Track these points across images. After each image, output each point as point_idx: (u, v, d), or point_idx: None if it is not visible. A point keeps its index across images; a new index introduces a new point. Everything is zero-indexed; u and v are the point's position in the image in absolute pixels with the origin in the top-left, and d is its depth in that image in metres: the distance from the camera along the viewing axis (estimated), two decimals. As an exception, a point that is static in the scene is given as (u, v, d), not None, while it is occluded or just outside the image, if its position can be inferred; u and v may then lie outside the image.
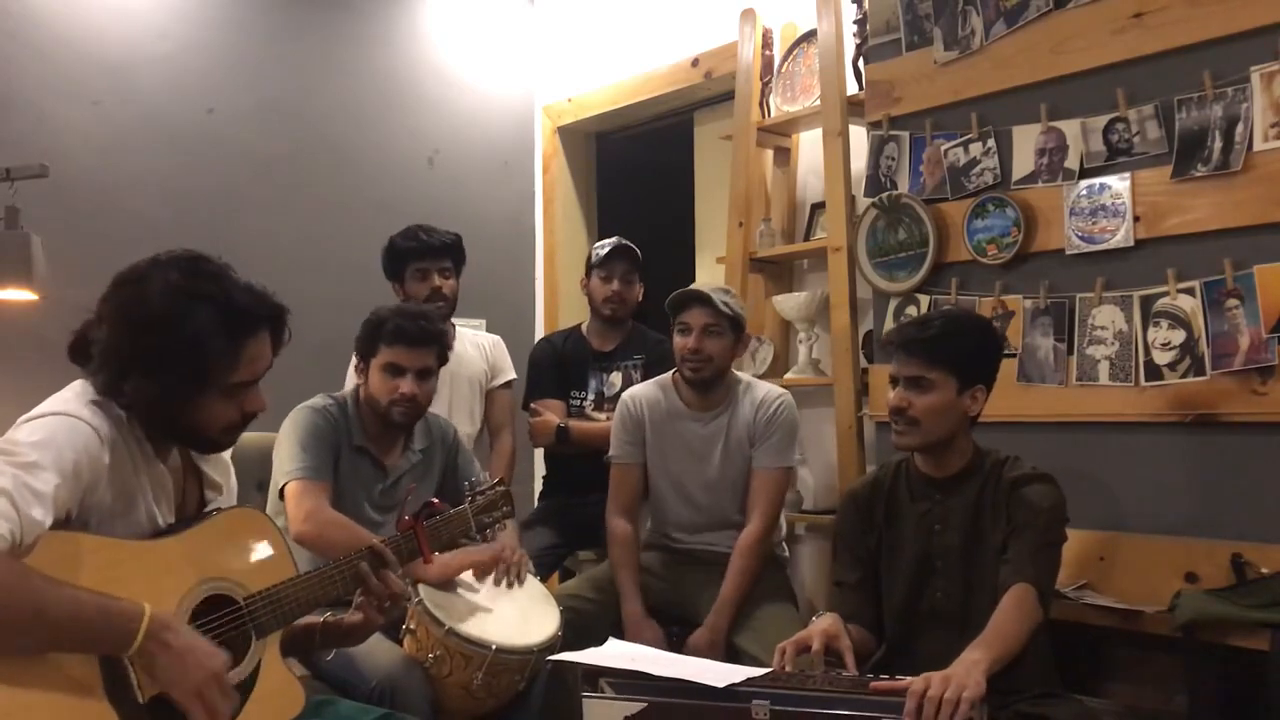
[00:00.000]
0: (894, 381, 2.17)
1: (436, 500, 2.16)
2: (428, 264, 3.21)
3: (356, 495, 2.52)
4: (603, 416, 3.28)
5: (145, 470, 1.65)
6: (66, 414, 1.55)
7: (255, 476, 2.74)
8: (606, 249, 3.31)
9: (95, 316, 1.63)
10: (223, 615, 1.64)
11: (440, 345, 2.58)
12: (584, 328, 3.44)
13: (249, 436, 2.44)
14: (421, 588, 2.28)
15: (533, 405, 3.37)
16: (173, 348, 1.57)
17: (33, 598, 1.40)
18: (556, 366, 3.38)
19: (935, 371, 2.10)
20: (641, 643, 2.59)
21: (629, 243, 3.33)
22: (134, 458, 1.63)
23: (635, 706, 1.77)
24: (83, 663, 1.48)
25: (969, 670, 1.75)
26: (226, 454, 1.87)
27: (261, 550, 1.74)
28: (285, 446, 2.46)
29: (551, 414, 3.29)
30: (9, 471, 1.44)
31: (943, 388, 2.10)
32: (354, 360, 2.70)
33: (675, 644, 2.68)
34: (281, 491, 2.41)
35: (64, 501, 1.49)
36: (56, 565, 1.46)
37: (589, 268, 3.38)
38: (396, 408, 2.51)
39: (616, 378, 3.34)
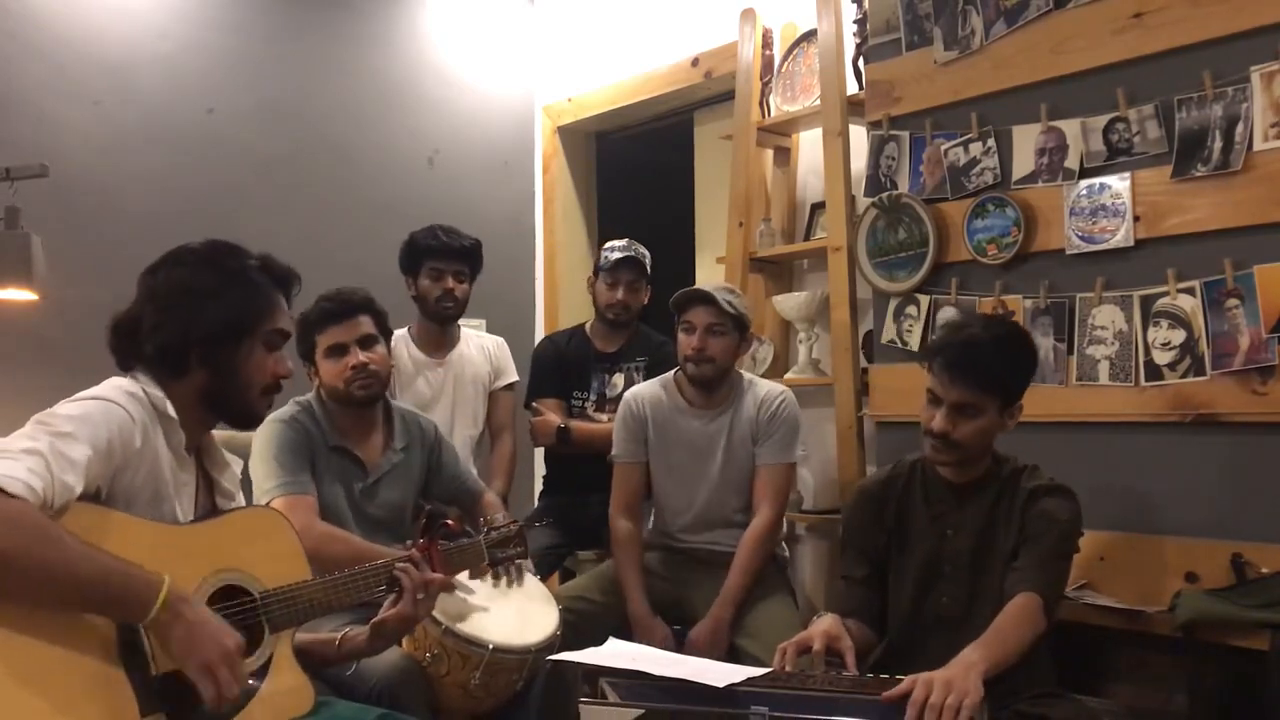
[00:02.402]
0: (934, 399, 2.09)
1: (452, 521, 2.17)
2: (443, 265, 3.22)
3: (337, 496, 2.51)
4: (604, 417, 3.27)
5: (173, 466, 1.71)
6: (102, 398, 1.63)
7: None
8: (616, 256, 3.26)
9: (132, 313, 1.74)
10: (237, 605, 1.66)
11: (370, 311, 2.59)
12: (588, 328, 3.43)
13: (244, 437, 2.46)
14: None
15: (534, 404, 3.37)
16: (236, 284, 1.74)
17: (60, 551, 1.45)
18: (559, 366, 3.37)
19: (984, 398, 2.05)
20: (649, 641, 2.60)
21: (640, 251, 3.29)
22: (164, 450, 1.69)
23: (632, 714, 1.77)
24: (101, 634, 1.51)
25: (966, 673, 1.74)
26: (236, 467, 1.92)
27: (279, 549, 1.78)
28: (260, 464, 2.46)
29: (552, 414, 3.29)
30: (45, 438, 1.50)
31: (988, 411, 2.06)
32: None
33: (677, 643, 2.68)
34: None
35: (95, 475, 1.55)
36: (83, 535, 1.50)
37: (597, 269, 3.36)
38: (354, 383, 2.51)
39: (619, 379, 3.33)
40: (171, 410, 1.70)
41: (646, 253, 3.33)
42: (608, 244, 3.38)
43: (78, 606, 1.49)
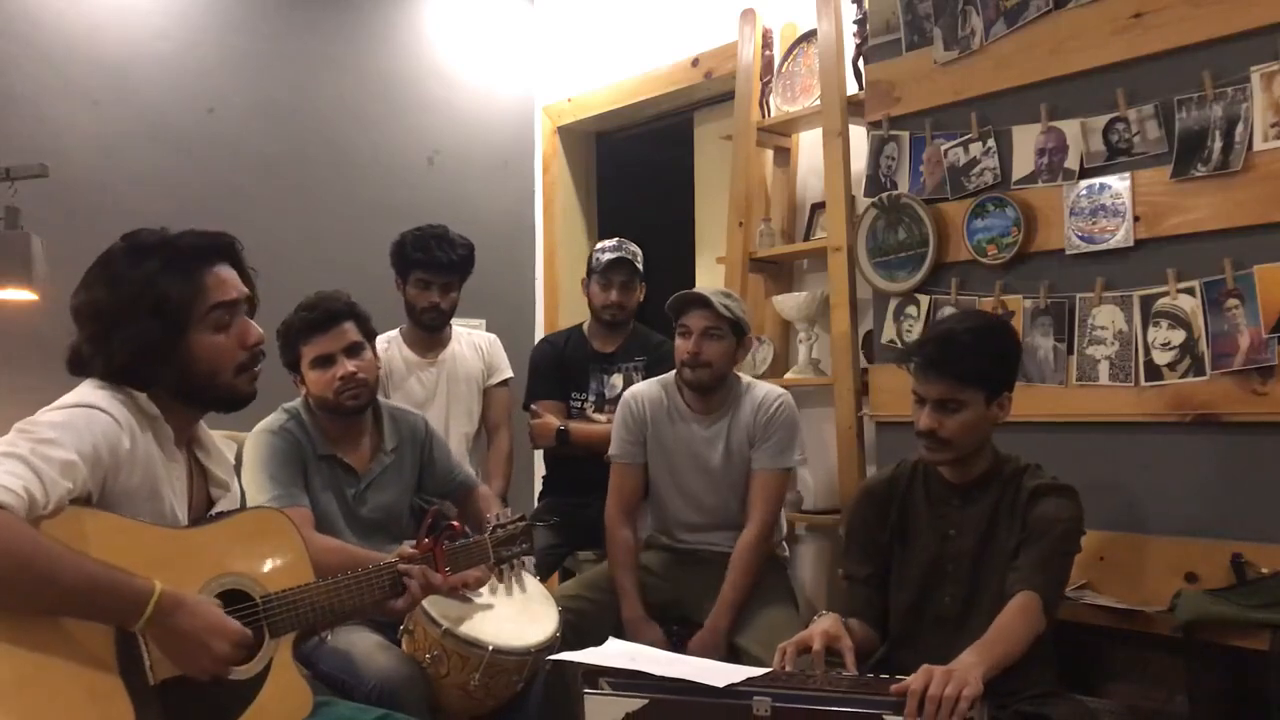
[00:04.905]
0: (919, 400, 2.11)
1: (457, 523, 2.16)
2: (430, 277, 3.20)
3: (330, 504, 2.50)
4: (603, 418, 3.26)
5: (164, 461, 1.68)
6: (83, 404, 1.58)
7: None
8: (607, 258, 3.27)
9: (76, 344, 1.68)
10: (238, 610, 1.65)
11: (353, 317, 2.54)
12: (585, 328, 3.42)
13: (241, 435, 2.45)
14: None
15: (533, 407, 3.36)
16: (139, 298, 1.63)
17: (45, 561, 1.42)
18: (557, 368, 3.37)
19: (965, 391, 2.05)
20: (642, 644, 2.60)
21: (630, 250, 3.29)
22: (154, 447, 1.66)
23: (637, 703, 1.77)
24: (98, 641, 1.49)
25: (967, 670, 1.75)
26: (230, 454, 1.89)
27: (283, 553, 1.76)
28: (253, 477, 2.43)
29: (552, 416, 3.29)
30: (25, 444, 1.47)
31: (973, 404, 2.06)
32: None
33: (676, 644, 2.68)
34: None
35: (83, 480, 1.51)
36: (79, 540, 1.48)
37: (589, 270, 3.36)
38: (344, 393, 2.48)
39: (618, 379, 3.33)
40: (155, 409, 1.67)
41: (638, 250, 3.32)
42: (598, 245, 3.38)
43: (68, 614, 1.47)
